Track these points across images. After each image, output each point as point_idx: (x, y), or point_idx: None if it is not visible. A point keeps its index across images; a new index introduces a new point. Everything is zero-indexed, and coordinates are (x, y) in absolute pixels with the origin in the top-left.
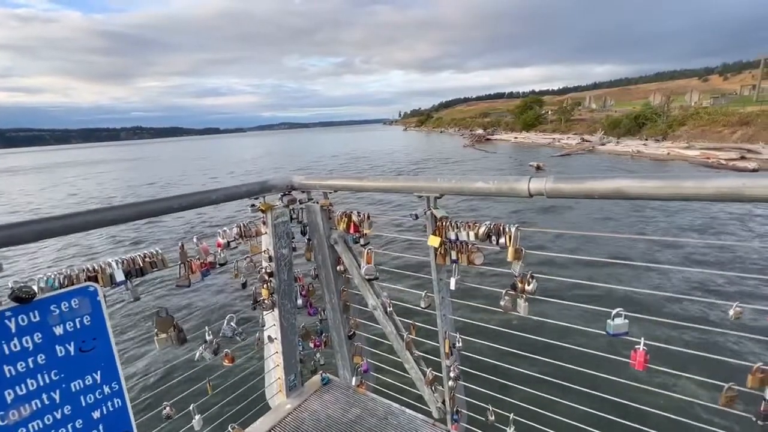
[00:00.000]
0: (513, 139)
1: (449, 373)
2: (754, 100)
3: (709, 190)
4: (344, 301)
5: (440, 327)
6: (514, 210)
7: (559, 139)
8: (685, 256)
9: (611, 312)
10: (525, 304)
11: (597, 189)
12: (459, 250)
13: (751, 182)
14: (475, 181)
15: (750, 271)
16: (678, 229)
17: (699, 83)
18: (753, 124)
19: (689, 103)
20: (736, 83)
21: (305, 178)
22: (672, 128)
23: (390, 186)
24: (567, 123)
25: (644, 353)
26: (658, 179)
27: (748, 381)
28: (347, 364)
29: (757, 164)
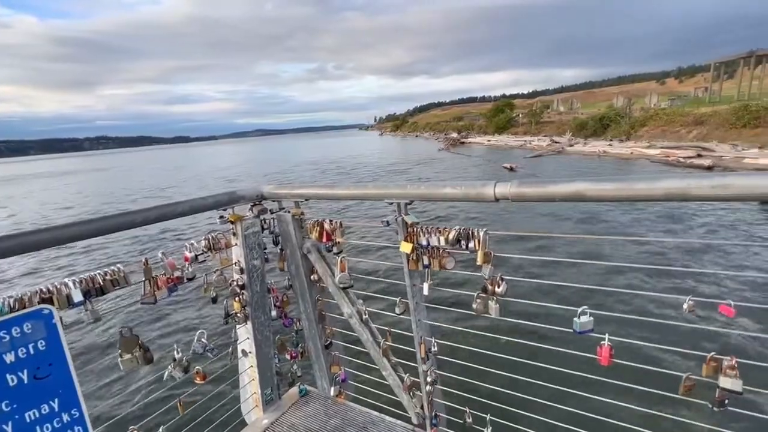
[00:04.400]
0: (486, 141)
1: (426, 378)
2: (706, 101)
3: (659, 191)
4: (319, 310)
5: (415, 332)
6: (492, 211)
7: (530, 141)
8: (645, 253)
9: (577, 310)
10: (496, 306)
11: (558, 192)
12: (431, 256)
13: (695, 182)
14: (443, 187)
15: (706, 267)
16: (641, 228)
17: (657, 86)
18: (707, 123)
19: (649, 104)
20: (690, 86)
21: (275, 187)
22: (634, 129)
23: (361, 193)
24: (537, 125)
25: (609, 348)
26: (612, 182)
27: (703, 370)
28: (325, 374)
29: (711, 161)
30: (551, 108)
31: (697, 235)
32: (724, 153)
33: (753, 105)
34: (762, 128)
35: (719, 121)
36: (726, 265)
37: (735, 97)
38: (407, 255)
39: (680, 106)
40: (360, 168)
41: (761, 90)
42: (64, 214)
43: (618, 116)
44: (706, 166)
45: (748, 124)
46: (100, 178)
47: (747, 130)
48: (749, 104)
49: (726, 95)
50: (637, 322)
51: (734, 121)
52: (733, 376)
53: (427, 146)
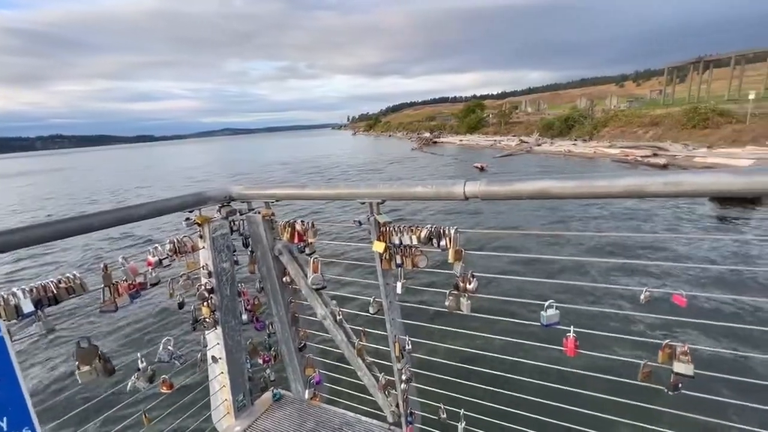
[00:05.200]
0: (458, 141)
1: (401, 376)
2: (661, 103)
3: (618, 188)
4: (292, 312)
5: (389, 331)
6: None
7: (500, 141)
8: (605, 247)
9: (544, 304)
10: (467, 302)
11: (524, 190)
12: (403, 254)
13: (651, 180)
14: (414, 186)
15: (661, 259)
16: (602, 222)
17: (617, 88)
18: (661, 124)
19: (609, 106)
20: (646, 88)
21: (245, 188)
22: (596, 129)
23: (332, 193)
24: (506, 125)
25: (574, 340)
26: (575, 180)
27: (659, 357)
28: (299, 377)
29: (666, 160)
30: (520, 109)
31: (654, 229)
32: (677, 152)
33: (702, 107)
34: (710, 129)
35: (672, 122)
36: (682, 257)
37: (686, 99)
38: (380, 254)
39: (638, 107)
40: (334, 168)
41: (709, 93)
42: (15, 219)
43: (581, 117)
44: (662, 164)
45: (697, 125)
46: (55, 180)
47: (697, 131)
48: (698, 107)
49: (678, 98)
50: (600, 314)
51: (685, 122)
52: (686, 361)
53: (401, 146)
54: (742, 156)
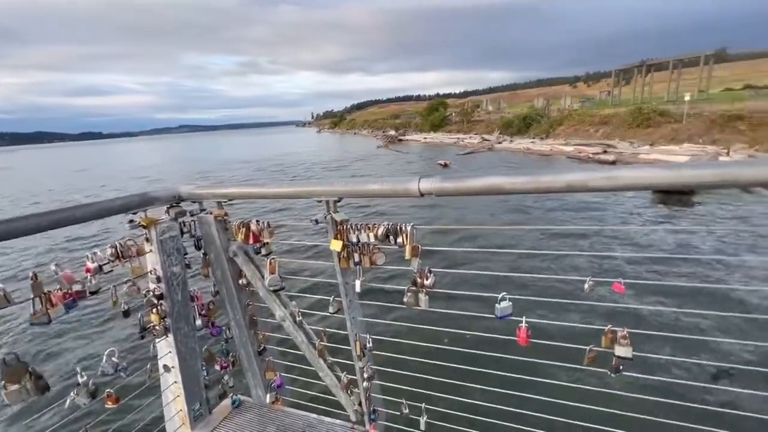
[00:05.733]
0: (423, 139)
1: (363, 375)
2: (609, 104)
3: (562, 183)
4: (250, 315)
5: (350, 330)
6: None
7: (462, 139)
8: (562, 239)
9: (498, 297)
10: (425, 297)
11: (476, 186)
12: (361, 252)
13: (592, 175)
14: (370, 184)
15: (602, 251)
16: (560, 215)
17: (570, 89)
18: (610, 123)
19: (564, 106)
20: (596, 90)
21: (195, 187)
22: (552, 128)
23: (288, 192)
24: (468, 124)
25: (526, 330)
26: (524, 175)
27: (602, 342)
28: (259, 382)
29: (614, 157)
30: (481, 107)
31: (607, 222)
32: (624, 149)
33: (644, 108)
34: (652, 128)
35: (619, 121)
36: (629, 247)
37: (631, 100)
38: (338, 253)
39: (589, 107)
40: (298, 165)
41: (651, 95)
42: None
43: (538, 116)
44: (611, 161)
45: (641, 125)
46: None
47: (641, 130)
48: (642, 107)
49: (624, 99)
50: (549, 304)
51: (631, 121)
52: (626, 344)
53: (366, 144)
54: (679, 153)
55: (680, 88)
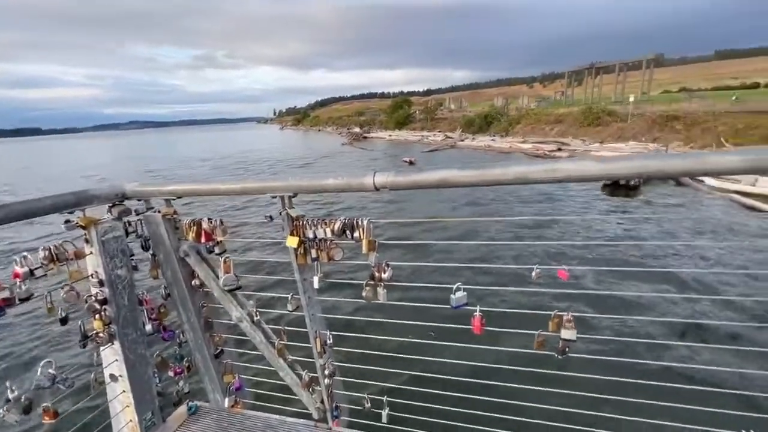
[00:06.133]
0: (388, 137)
1: (324, 372)
2: (563, 103)
3: (509, 176)
4: (205, 317)
5: (310, 327)
6: None
7: (426, 137)
8: (517, 231)
9: (453, 287)
10: (383, 291)
11: (427, 180)
12: (318, 248)
13: (534, 168)
14: (326, 179)
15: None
16: (517, 207)
17: (527, 89)
18: (564, 122)
19: (522, 105)
20: (551, 90)
21: (140, 184)
22: (511, 126)
23: (241, 188)
24: (432, 122)
25: (480, 318)
26: (471, 169)
27: (549, 326)
28: (217, 386)
29: (568, 153)
30: (444, 106)
31: (561, 213)
32: (577, 147)
33: (594, 108)
34: (601, 127)
35: (572, 120)
36: (577, 235)
37: (583, 100)
38: (295, 249)
39: (545, 107)
40: (262, 163)
41: (600, 95)
42: None
43: (498, 115)
44: (565, 157)
45: (592, 123)
46: None
47: (592, 128)
48: (592, 107)
49: (577, 99)
50: (503, 292)
51: (582, 120)
52: (570, 327)
53: (331, 141)
54: (624, 150)
55: (626, 89)
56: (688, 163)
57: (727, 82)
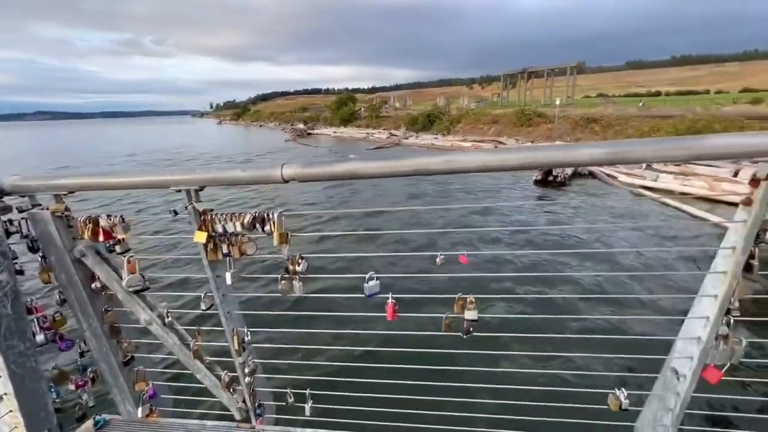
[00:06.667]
0: (333, 133)
1: (244, 370)
2: (499, 105)
3: (411, 167)
4: (110, 323)
5: (226, 325)
6: None
7: (372, 134)
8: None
9: (366, 276)
10: (299, 284)
11: (336, 171)
12: (229, 243)
13: (433, 159)
14: (232, 171)
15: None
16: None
17: (467, 90)
18: (500, 122)
19: (462, 105)
20: (489, 91)
21: (21, 178)
22: (453, 125)
23: (141, 181)
24: (377, 119)
25: (393, 305)
26: (377, 161)
27: (454, 309)
28: (128, 396)
29: None
30: (389, 104)
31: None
32: (511, 146)
33: (526, 110)
34: (533, 127)
35: (507, 121)
36: (497, 223)
37: (516, 102)
38: (204, 245)
39: (483, 107)
40: (198, 159)
41: (532, 98)
42: None
43: (440, 114)
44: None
45: (524, 124)
46: None
47: (524, 129)
48: (524, 109)
49: (511, 101)
50: (414, 279)
51: (516, 121)
52: (472, 309)
53: (273, 137)
54: None
55: (553, 93)
56: (561, 155)
57: (636, 90)
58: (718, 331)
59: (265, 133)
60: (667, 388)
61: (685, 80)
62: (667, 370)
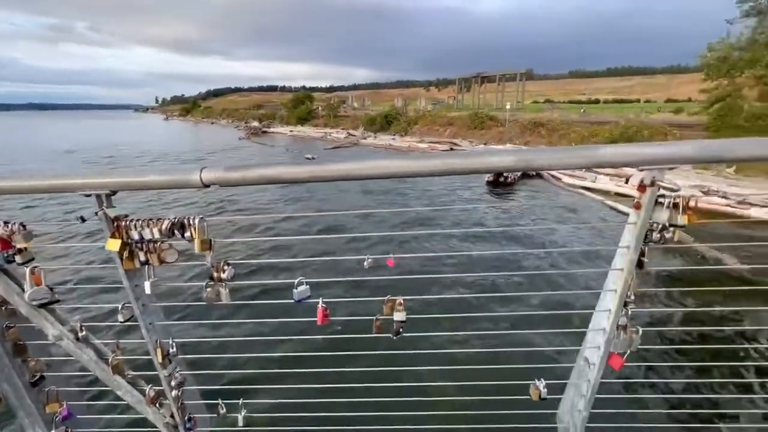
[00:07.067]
0: (289, 132)
1: (171, 383)
2: (455, 107)
3: (339, 172)
4: (13, 341)
5: (148, 337)
6: None
7: (330, 134)
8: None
9: (295, 282)
10: (226, 291)
11: (260, 176)
12: (147, 251)
13: (363, 165)
14: (146, 174)
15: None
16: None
17: (425, 92)
18: (455, 124)
19: (419, 106)
20: (445, 94)
21: None
22: (410, 126)
23: (43, 185)
24: (335, 119)
25: (323, 310)
26: (302, 166)
27: (384, 310)
28: (38, 419)
29: None
30: (347, 103)
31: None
32: (466, 147)
33: (479, 113)
34: (485, 130)
35: (462, 123)
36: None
37: (471, 106)
38: (119, 253)
39: (439, 110)
40: (143, 156)
41: (485, 102)
42: None
43: (398, 115)
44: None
45: (477, 127)
46: None
47: (478, 131)
48: (478, 112)
49: (467, 104)
50: (345, 283)
51: (470, 123)
52: (401, 310)
53: (226, 134)
54: None
55: (504, 98)
56: (475, 162)
57: (578, 97)
58: (618, 322)
59: (217, 130)
60: (580, 376)
61: (620, 90)
62: (580, 360)
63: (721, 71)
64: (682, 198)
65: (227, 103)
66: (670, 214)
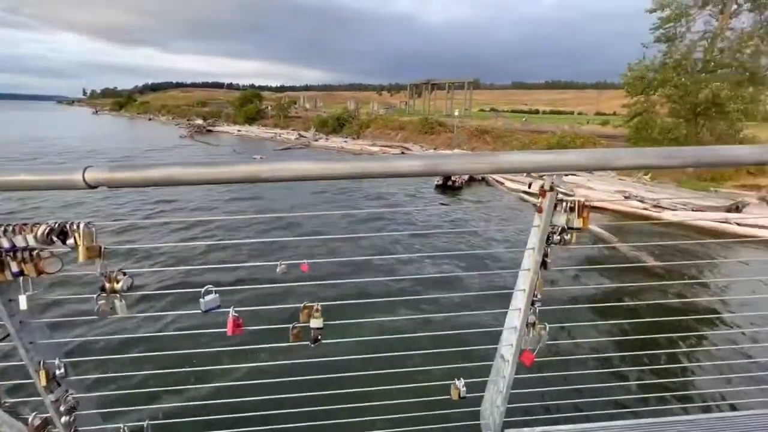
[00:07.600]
0: (236, 131)
1: (60, 408)
2: (406, 112)
3: (240, 174)
4: None
5: (27, 359)
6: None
7: (280, 134)
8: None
9: (202, 290)
10: (122, 303)
11: (152, 177)
12: (22, 260)
13: (263, 167)
14: (17, 174)
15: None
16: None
17: (377, 96)
18: (407, 129)
19: (372, 110)
20: (397, 99)
21: None
22: (362, 129)
23: None
24: (285, 119)
25: (234, 319)
26: (199, 167)
27: (301, 317)
28: None
29: None
30: (298, 104)
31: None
32: (417, 151)
33: (430, 119)
34: (435, 135)
35: (413, 128)
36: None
37: (422, 111)
38: None
39: (391, 114)
40: (66, 154)
41: (435, 108)
42: None
43: (350, 117)
44: None
45: (428, 132)
46: None
47: (428, 136)
48: (428, 118)
49: (417, 109)
50: (259, 290)
51: (420, 128)
52: (318, 317)
53: (165, 132)
54: None
55: (453, 105)
56: (385, 165)
57: (521, 107)
58: (527, 320)
59: (156, 127)
60: (498, 373)
61: (556, 101)
62: (498, 357)
63: (638, 89)
64: (577, 202)
65: (167, 98)
66: (568, 217)
